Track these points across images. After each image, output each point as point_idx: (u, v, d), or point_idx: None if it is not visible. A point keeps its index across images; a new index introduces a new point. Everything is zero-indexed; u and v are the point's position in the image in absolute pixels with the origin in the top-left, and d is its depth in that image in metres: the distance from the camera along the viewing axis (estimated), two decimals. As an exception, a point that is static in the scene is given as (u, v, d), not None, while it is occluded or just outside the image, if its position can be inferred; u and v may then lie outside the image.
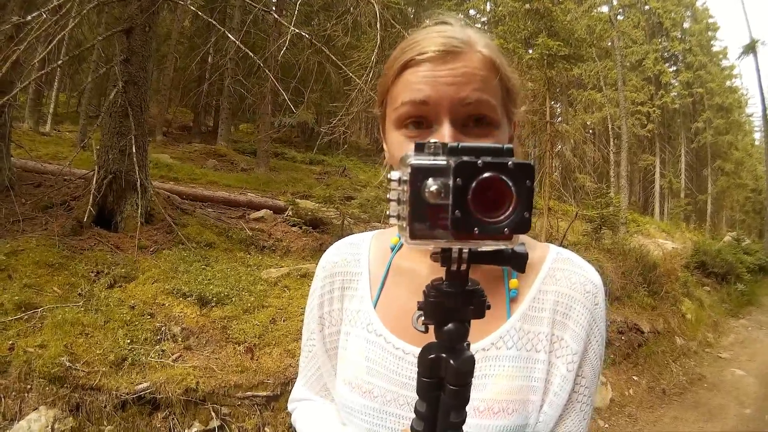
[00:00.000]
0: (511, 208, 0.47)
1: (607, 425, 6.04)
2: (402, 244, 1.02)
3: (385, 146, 0.94)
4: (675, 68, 36.65)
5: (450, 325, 0.56)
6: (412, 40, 0.86)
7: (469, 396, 0.58)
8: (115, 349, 4.07)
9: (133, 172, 6.11)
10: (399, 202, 0.51)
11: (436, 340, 0.59)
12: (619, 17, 28.46)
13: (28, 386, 3.61)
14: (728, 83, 39.70)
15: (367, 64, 6.21)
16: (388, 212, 0.53)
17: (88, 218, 5.84)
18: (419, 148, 0.51)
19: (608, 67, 24.54)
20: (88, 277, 5.00)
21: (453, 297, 0.56)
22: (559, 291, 0.90)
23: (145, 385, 3.85)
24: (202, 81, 20.41)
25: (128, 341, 4.20)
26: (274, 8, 14.48)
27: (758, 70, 28.09)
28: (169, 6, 8.25)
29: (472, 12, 35.86)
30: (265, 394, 4.13)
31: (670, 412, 6.58)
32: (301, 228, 8.14)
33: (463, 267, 0.54)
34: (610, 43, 20.78)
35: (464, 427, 0.58)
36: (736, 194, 36.32)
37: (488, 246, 0.51)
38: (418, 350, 0.89)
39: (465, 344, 0.58)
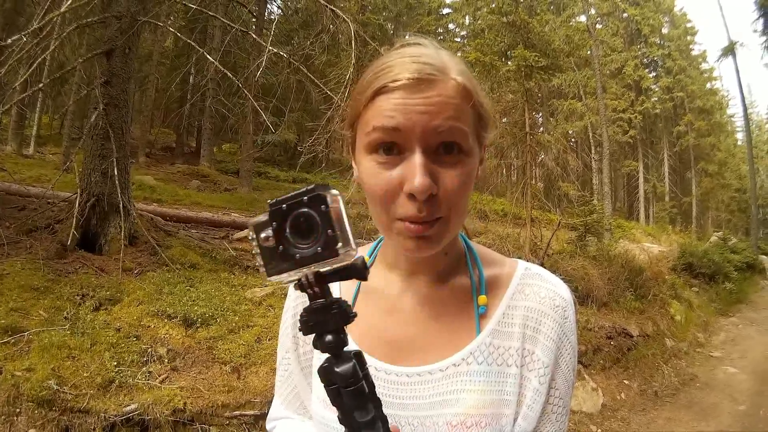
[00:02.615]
0: (320, 231, 0.59)
1: (599, 430, 6.04)
2: (371, 263, 1.03)
3: (354, 165, 0.94)
4: (655, 74, 37.10)
5: (328, 336, 0.65)
6: (384, 64, 0.84)
7: (368, 395, 0.66)
8: (102, 372, 4.05)
9: (116, 195, 6.09)
10: (255, 254, 0.64)
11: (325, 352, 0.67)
12: (597, 26, 28.79)
13: (17, 410, 3.58)
14: (708, 86, 40.17)
15: (343, 81, 6.24)
16: (256, 265, 0.66)
17: (72, 241, 5.81)
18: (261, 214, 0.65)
19: (588, 76, 24.76)
20: (73, 300, 4.96)
21: (316, 312, 0.66)
22: (529, 306, 0.91)
23: (133, 406, 3.83)
24: (184, 101, 20.41)
25: (115, 363, 4.18)
26: (254, 27, 14.54)
27: (738, 72, 28.11)
28: (149, 27, 8.25)
29: (451, 26, 36.19)
30: (252, 412, 4.12)
31: (663, 414, 6.59)
32: (284, 247, 8.11)
33: (317, 289, 0.65)
34: (589, 52, 20.98)
35: None
36: (720, 194, 36.60)
37: (326, 266, 0.63)
38: (389, 367, 0.91)
39: (351, 352, 0.66)
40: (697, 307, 11.68)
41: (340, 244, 0.59)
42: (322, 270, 0.64)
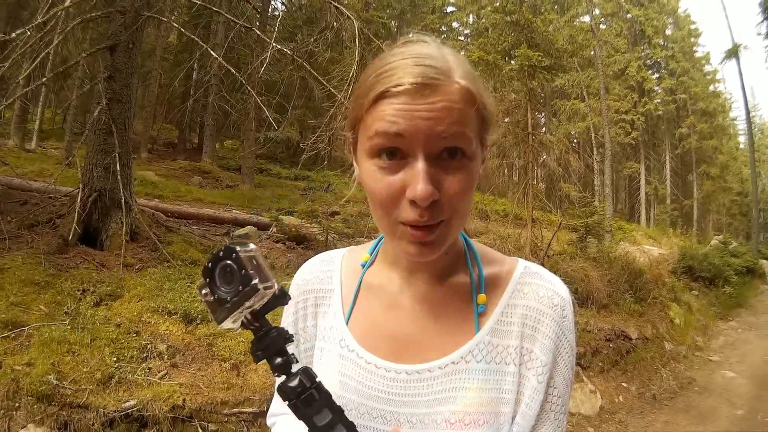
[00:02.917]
0: (237, 274, 0.71)
1: (597, 432, 6.05)
2: (372, 262, 1.05)
3: (355, 165, 0.93)
4: (658, 75, 36.98)
5: (277, 359, 0.75)
6: (386, 65, 0.81)
7: (322, 402, 0.73)
8: (102, 367, 4.04)
9: (118, 190, 6.09)
10: (206, 311, 0.75)
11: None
12: (601, 26, 28.74)
13: (16, 404, 3.58)
14: (711, 88, 39.96)
15: (346, 78, 6.23)
16: (210, 317, 0.76)
17: (73, 236, 5.81)
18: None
19: (591, 77, 24.73)
20: (74, 296, 4.96)
21: (260, 341, 0.76)
22: (527, 305, 0.91)
23: (132, 402, 3.83)
24: (187, 97, 20.39)
25: (115, 359, 4.18)
26: (257, 24, 14.53)
27: (741, 74, 27.96)
28: (153, 22, 8.25)
29: (455, 24, 36.18)
30: (251, 410, 4.12)
31: (661, 417, 6.59)
32: (285, 244, 8.12)
33: (257, 324, 0.76)
34: (592, 53, 20.96)
35: None
36: (722, 198, 36.55)
37: (256, 303, 0.73)
38: (389, 365, 0.92)
39: (299, 369, 0.75)
40: (696, 311, 11.66)
41: (256, 280, 0.70)
42: (255, 307, 0.74)
